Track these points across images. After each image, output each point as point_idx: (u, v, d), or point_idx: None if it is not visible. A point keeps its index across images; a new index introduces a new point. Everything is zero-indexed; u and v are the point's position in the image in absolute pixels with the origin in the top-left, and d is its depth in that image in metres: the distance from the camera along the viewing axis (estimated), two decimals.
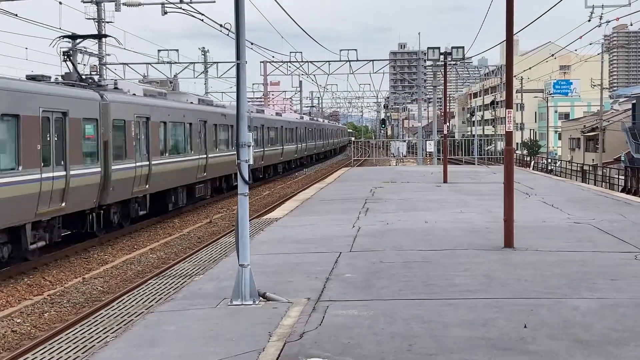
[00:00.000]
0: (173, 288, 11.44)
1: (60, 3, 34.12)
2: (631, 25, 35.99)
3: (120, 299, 11.68)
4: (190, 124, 27.88)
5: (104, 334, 9.08)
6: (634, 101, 61.92)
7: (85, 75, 22.55)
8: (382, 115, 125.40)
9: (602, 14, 30.66)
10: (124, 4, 38.87)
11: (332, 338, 7.44)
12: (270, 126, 44.43)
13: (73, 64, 21.80)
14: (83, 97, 19.09)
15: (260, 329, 7.85)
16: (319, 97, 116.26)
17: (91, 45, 39.80)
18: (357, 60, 51.92)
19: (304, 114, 77.41)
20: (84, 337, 9.15)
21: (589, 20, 30.81)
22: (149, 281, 13.30)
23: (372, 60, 53.49)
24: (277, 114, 53.31)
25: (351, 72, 53.22)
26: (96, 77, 24.89)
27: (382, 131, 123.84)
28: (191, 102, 30.10)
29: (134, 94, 23.58)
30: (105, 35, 24.97)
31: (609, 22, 32.67)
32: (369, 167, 48.81)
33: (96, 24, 39.27)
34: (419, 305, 8.76)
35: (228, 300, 9.15)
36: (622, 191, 36.67)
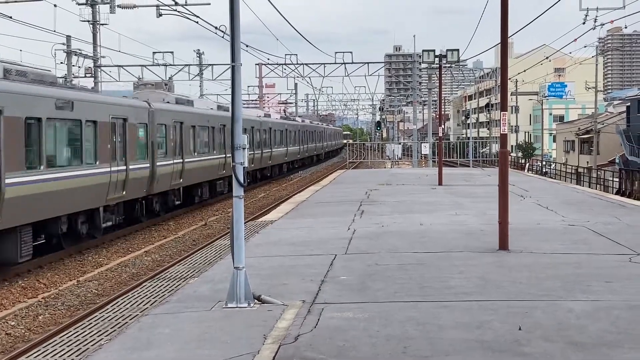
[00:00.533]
0: (168, 291, 11.43)
1: (55, 5, 34.11)
2: (626, 27, 36.04)
3: (114, 302, 11.67)
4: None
5: (98, 336, 9.06)
6: (629, 104, 62.12)
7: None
8: (378, 118, 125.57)
9: (596, 16, 30.82)
10: (119, 6, 38.88)
11: (327, 340, 7.43)
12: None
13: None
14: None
15: (255, 332, 7.84)
16: (314, 100, 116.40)
17: (86, 46, 39.81)
18: (353, 63, 51.98)
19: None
20: (78, 339, 9.13)
21: (584, 23, 30.91)
22: (144, 284, 13.28)
23: (368, 63, 53.56)
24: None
25: (346, 74, 53.28)
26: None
27: (377, 133, 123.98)
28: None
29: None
30: None
31: (604, 24, 32.82)
32: (365, 169, 48.84)
33: (91, 26, 39.25)
34: (414, 307, 8.76)
35: (223, 302, 9.14)
36: (617, 193, 36.73)
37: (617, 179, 43.74)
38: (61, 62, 39.01)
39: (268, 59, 55.56)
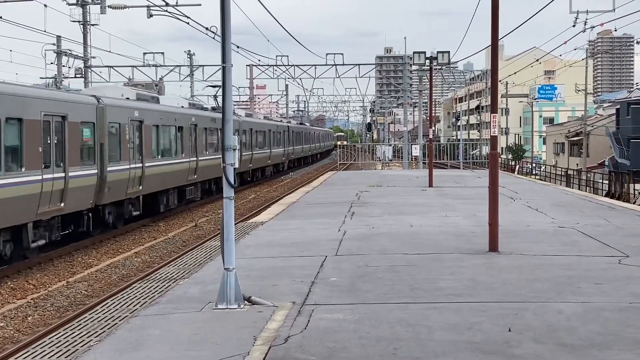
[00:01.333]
0: (158, 292, 11.39)
1: (45, 6, 33.98)
2: (615, 30, 36.17)
3: (104, 303, 11.62)
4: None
5: (87, 338, 9.02)
6: (618, 106, 62.38)
7: None
8: (368, 119, 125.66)
9: (586, 19, 30.88)
10: (109, 7, 38.77)
11: (318, 342, 7.43)
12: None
13: None
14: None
15: (245, 333, 7.82)
16: (305, 101, 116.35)
17: (77, 47, 39.73)
18: (343, 64, 51.98)
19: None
20: (68, 341, 9.09)
21: (574, 26, 30.99)
22: (134, 285, 13.24)
23: (358, 65, 53.59)
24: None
25: (337, 76, 53.27)
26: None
27: (368, 135, 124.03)
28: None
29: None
30: None
31: (594, 27, 32.91)
32: (355, 171, 48.86)
33: (81, 26, 39.13)
34: (404, 308, 8.76)
35: (213, 304, 9.12)
36: (606, 195, 36.88)
37: (607, 181, 43.91)
38: (51, 63, 38.85)
39: (259, 60, 55.55)
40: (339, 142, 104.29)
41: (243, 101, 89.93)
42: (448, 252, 12.75)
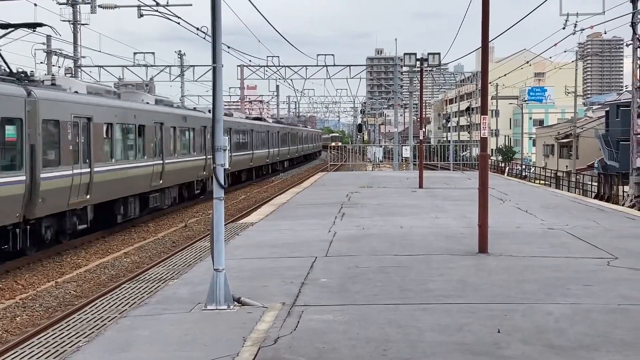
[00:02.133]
0: (147, 292, 11.36)
1: (35, 5, 33.88)
2: (605, 33, 36.32)
3: (93, 303, 11.58)
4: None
5: (76, 338, 8.99)
6: (607, 109, 62.66)
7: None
8: (359, 121, 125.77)
9: (576, 22, 31.00)
10: (100, 6, 38.66)
11: (307, 343, 7.42)
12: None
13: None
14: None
15: (234, 334, 7.81)
16: (296, 102, 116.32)
17: (67, 47, 39.59)
18: (334, 65, 52.04)
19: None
20: (56, 341, 9.05)
21: (564, 28, 31.11)
22: (123, 285, 13.20)
23: (349, 66, 53.65)
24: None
25: (328, 77, 53.34)
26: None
27: (358, 136, 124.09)
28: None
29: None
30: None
31: (584, 30, 33.02)
32: (346, 171, 48.87)
33: (71, 25, 39.01)
34: (394, 310, 8.77)
35: (202, 305, 9.10)
36: (595, 197, 36.99)
37: (596, 183, 44.04)
38: (41, 62, 38.77)
39: (250, 61, 55.55)
40: (333, 143, 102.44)
41: (234, 101, 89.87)
42: (438, 253, 12.77)
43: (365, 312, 8.65)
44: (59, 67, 39.85)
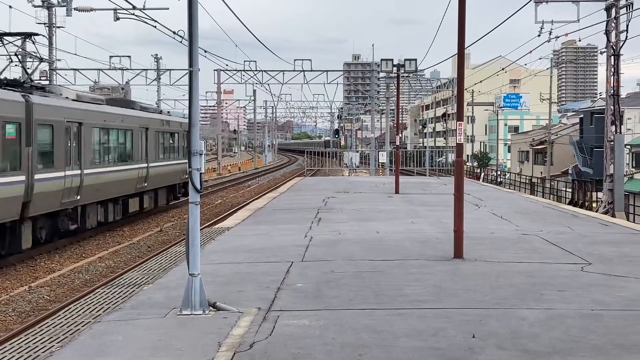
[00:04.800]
0: (121, 297, 11.27)
1: (10, 7, 33.59)
2: (579, 41, 36.70)
3: (67, 308, 11.46)
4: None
5: (49, 343, 8.89)
6: (582, 116, 63.29)
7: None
8: (336, 126, 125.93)
9: (551, 29, 31.18)
10: (76, 9, 38.41)
11: (282, 348, 7.40)
12: None
13: None
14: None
15: (209, 339, 7.77)
16: (273, 107, 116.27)
17: (42, 49, 39.29)
18: (312, 71, 52.17)
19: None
20: (29, 346, 8.95)
21: (539, 36, 31.29)
22: (97, 290, 13.08)
23: (326, 71, 53.80)
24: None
25: (305, 82, 53.44)
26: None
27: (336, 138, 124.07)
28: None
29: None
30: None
31: (558, 37, 33.28)
32: (322, 177, 48.90)
33: (47, 28, 38.71)
34: (369, 315, 8.77)
35: (177, 309, 9.05)
36: (569, 204, 37.31)
37: (570, 190, 44.43)
38: (15, 65, 38.41)
39: (227, 65, 55.52)
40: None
41: (210, 106, 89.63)
42: (413, 258, 12.80)
43: (341, 317, 8.65)
44: (34, 69, 39.48)
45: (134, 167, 25.82)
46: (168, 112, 38.99)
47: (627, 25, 27.71)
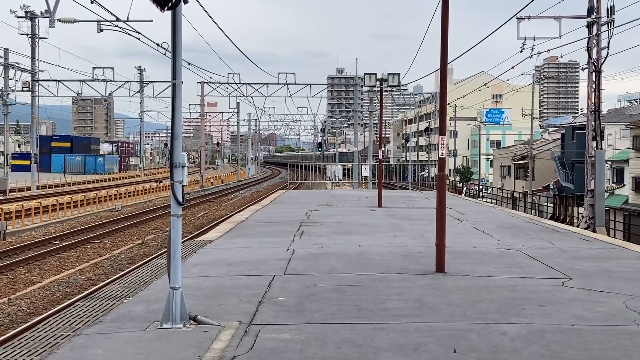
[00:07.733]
0: (102, 310, 11.18)
1: None
2: (561, 57, 36.97)
3: (46, 321, 11.36)
4: None
5: (28, 357, 8.80)
6: (563, 131, 63.75)
7: None
8: (319, 139, 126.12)
9: (533, 45, 31.48)
10: (59, 20, 38.28)
11: None
12: None
13: None
14: None
15: (190, 353, 7.73)
16: (256, 119, 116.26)
17: (24, 60, 39.14)
18: (295, 84, 52.28)
19: None
20: (7, 359, 8.86)
21: (521, 51, 31.57)
22: (77, 303, 12.98)
23: (310, 84, 53.89)
24: None
25: (289, 95, 53.49)
26: None
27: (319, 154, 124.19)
28: None
29: None
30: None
31: (540, 53, 33.57)
32: (305, 190, 48.87)
33: (30, 39, 38.54)
34: (351, 329, 8.76)
35: (158, 323, 8.99)
36: (551, 218, 37.54)
37: (552, 205, 44.70)
38: None
39: (210, 78, 55.52)
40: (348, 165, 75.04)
41: (194, 118, 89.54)
42: (395, 272, 12.81)
43: (323, 331, 8.63)
44: (16, 80, 39.32)
45: None
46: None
47: (609, 42, 28.01)
